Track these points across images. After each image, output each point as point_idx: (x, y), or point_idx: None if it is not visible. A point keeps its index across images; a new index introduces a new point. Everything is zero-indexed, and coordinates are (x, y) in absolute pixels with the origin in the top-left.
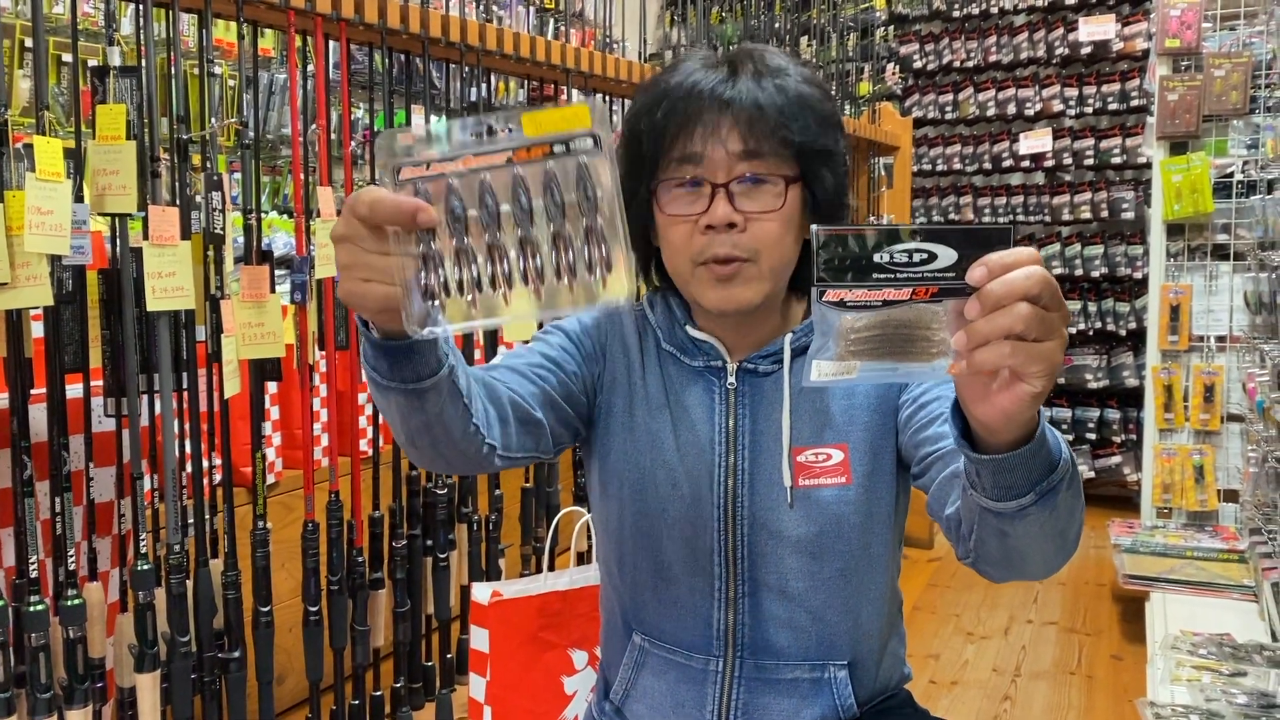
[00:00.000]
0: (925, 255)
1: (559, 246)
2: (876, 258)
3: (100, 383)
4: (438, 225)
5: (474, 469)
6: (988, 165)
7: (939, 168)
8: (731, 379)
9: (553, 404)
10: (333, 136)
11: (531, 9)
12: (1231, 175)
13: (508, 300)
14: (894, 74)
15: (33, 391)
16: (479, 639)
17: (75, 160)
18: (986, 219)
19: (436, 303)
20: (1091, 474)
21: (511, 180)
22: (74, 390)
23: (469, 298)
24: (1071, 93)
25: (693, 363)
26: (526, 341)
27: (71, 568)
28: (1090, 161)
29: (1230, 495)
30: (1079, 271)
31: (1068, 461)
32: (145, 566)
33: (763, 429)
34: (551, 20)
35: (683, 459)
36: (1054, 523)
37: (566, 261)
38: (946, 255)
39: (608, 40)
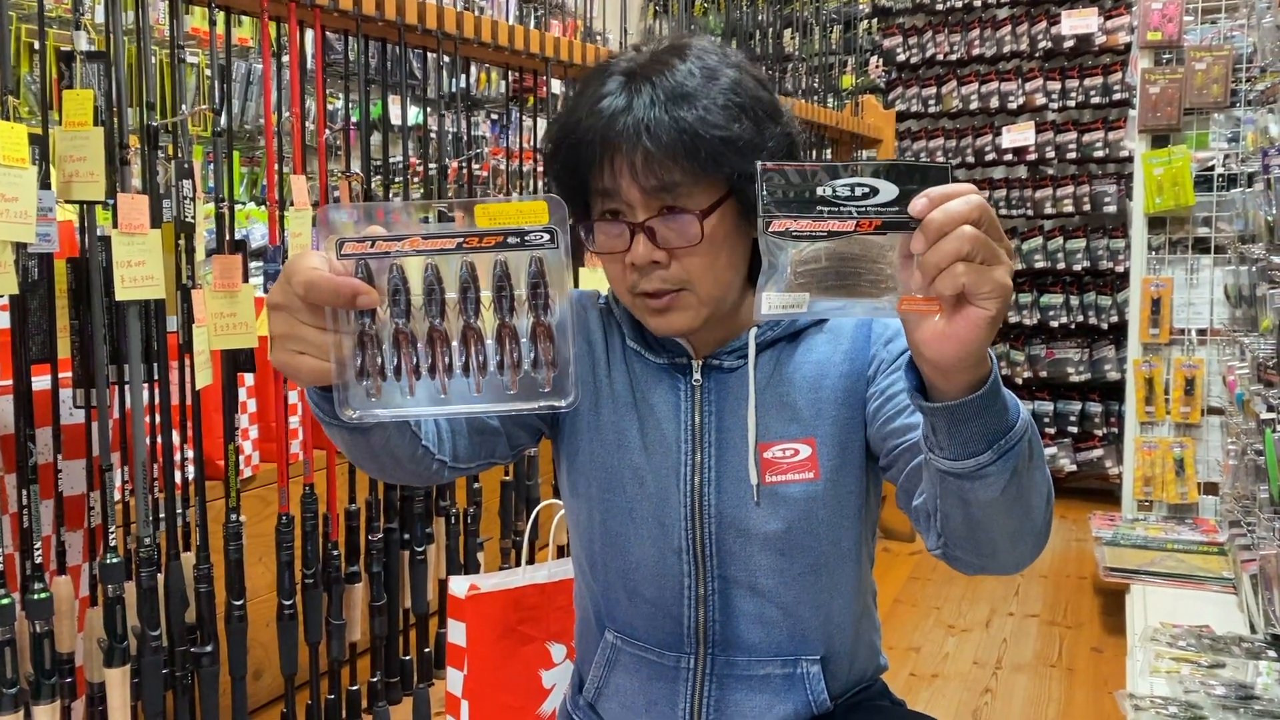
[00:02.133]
0: (867, 190)
1: (504, 340)
2: (820, 191)
3: (69, 374)
4: (378, 306)
5: (424, 483)
6: (970, 159)
7: (922, 161)
8: (697, 375)
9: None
10: (309, 126)
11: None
12: (1212, 168)
13: (445, 390)
14: (877, 67)
15: None
16: (456, 633)
17: (42, 147)
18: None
19: (371, 384)
20: (1073, 467)
21: (460, 266)
22: (42, 381)
23: (406, 384)
24: (1054, 86)
25: (658, 360)
26: None
27: (39, 561)
28: (1073, 155)
29: (1210, 488)
30: (1061, 265)
31: (1026, 424)
32: (115, 560)
33: (729, 425)
34: (533, 10)
35: (649, 457)
36: (1015, 492)
37: (511, 357)
38: (888, 190)
39: (589, 31)
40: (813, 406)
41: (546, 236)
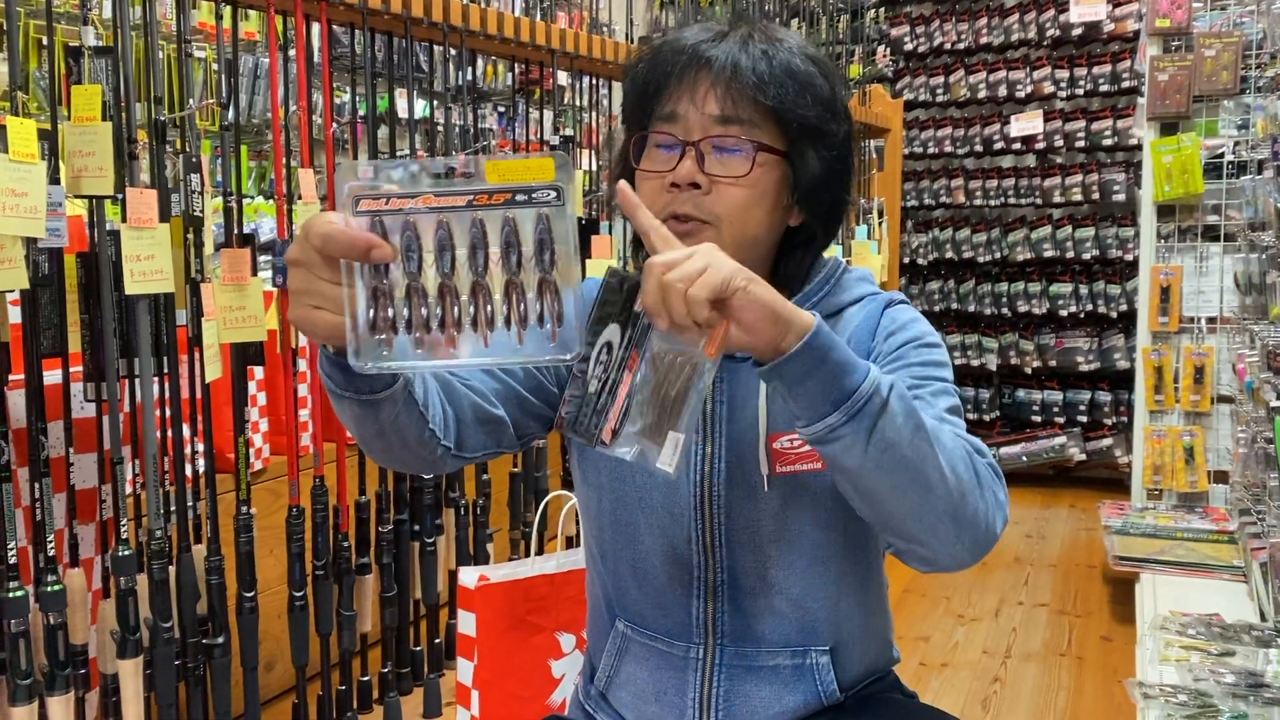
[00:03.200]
0: (604, 346)
1: (511, 296)
2: (591, 388)
3: (80, 368)
4: (391, 260)
5: (429, 470)
6: (979, 148)
7: (930, 150)
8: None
9: (517, 398)
10: (316, 120)
11: None
12: (1222, 156)
13: (455, 344)
14: (885, 56)
15: (10, 377)
16: (466, 623)
17: (51, 142)
18: (978, 201)
19: (383, 337)
20: (1082, 456)
21: (470, 224)
22: (53, 376)
23: (416, 336)
24: (1062, 74)
25: None
26: None
27: (51, 554)
28: (1081, 143)
29: (1220, 476)
30: (1070, 254)
31: (875, 387)
32: (126, 552)
33: (739, 415)
34: (539, 2)
35: None
36: (890, 461)
37: (518, 312)
38: (613, 332)
39: (595, 22)
40: None
41: (553, 194)
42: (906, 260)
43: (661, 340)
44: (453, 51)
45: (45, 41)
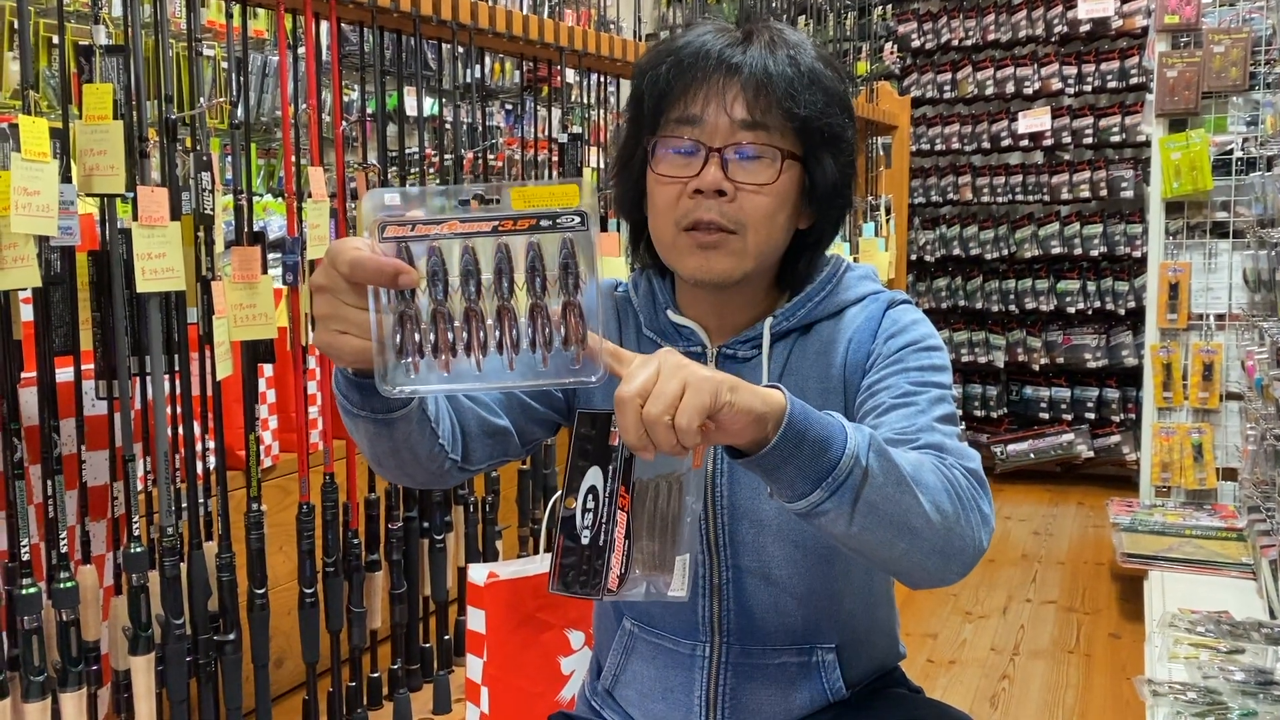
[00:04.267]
0: (591, 495)
1: (536, 319)
2: (584, 540)
3: (91, 366)
4: (417, 286)
5: (436, 484)
6: (986, 144)
7: (937, 147)
8: (711, 364)
9: (522, 406)
10: (325, 118)
11: None
12: (1231, 152)
13: (480, 367)
14: (892, 53)
15: (23, 375)
16: (476, 620)
17: (62, 140)
18: (985, 198)
19: (409, 361)
20: (1090, 453)
21: (495, 249)
22: (65, 373)
23: (442, 360)
24: (1070, 71)
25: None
26: None
27: (64, 551)
28: (1089, 140)
29: (1229, 473)
30: (1078, 250)
31: (853, 454)
32: (138, 549)
33: None
34: (546, 0)
35: None
36: (876, 520)
37: (543, 335)
38: (595, 475)
39: (603, 20)
40: (822, 396)
41: (577, 219)
42: (914, 257)
43: (643, 468)
44: (461, 49)
45: (56, 40)
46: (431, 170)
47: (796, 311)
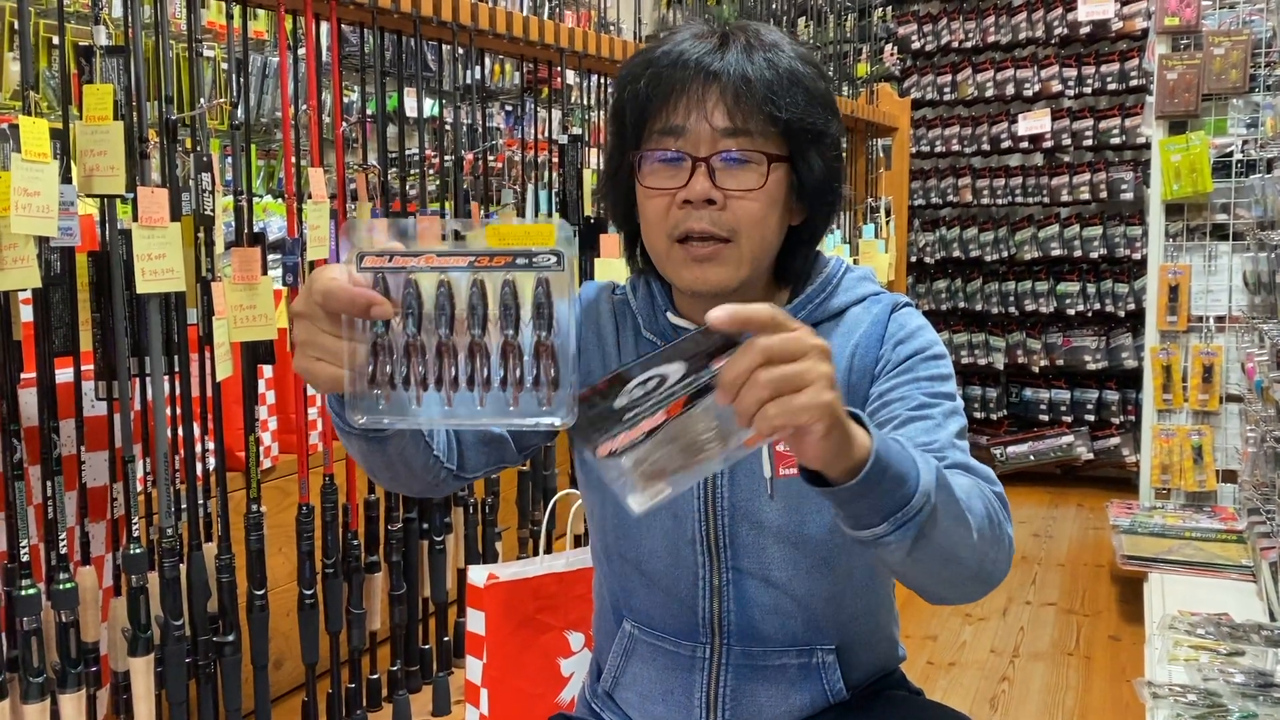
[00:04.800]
0: (658, 378)
1: (508, 357)
2: (619, 403)
3: (91, 366)
4: (392, 317)
5: (433, 493)
6: (986, 146)
7: (937, 149)
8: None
9: None
10: (325, 119)
11: None
12: (1231, 154)
13: (450, 401)
14: (892, 55)
15: (22, 375)
16: (475, 622)
17: (62, 141)
18: (985, 200)
19: (380, 392)
20: (1090, 455)
21: (471, 284)
22: (64, 374)
23: (413, 394)
24: (1070, 73)
25: None
26: None
27: (63, 552)
28: (1089, 142)
29: (1229, 475)
30: (1078, 253)
31: (927, 494)
32: (138, 550)
33: None
34: (547, 1)
35: None
36: (928, 552)
37: (514, 374)
38: (675, 369)
39: (603, 21)
40: None
41: (554, 259)
42: (914, 259)
43: (708, 410)
44: (461, 50)
45: (56, 41)
46: (431, 171)
47: (797, 313)
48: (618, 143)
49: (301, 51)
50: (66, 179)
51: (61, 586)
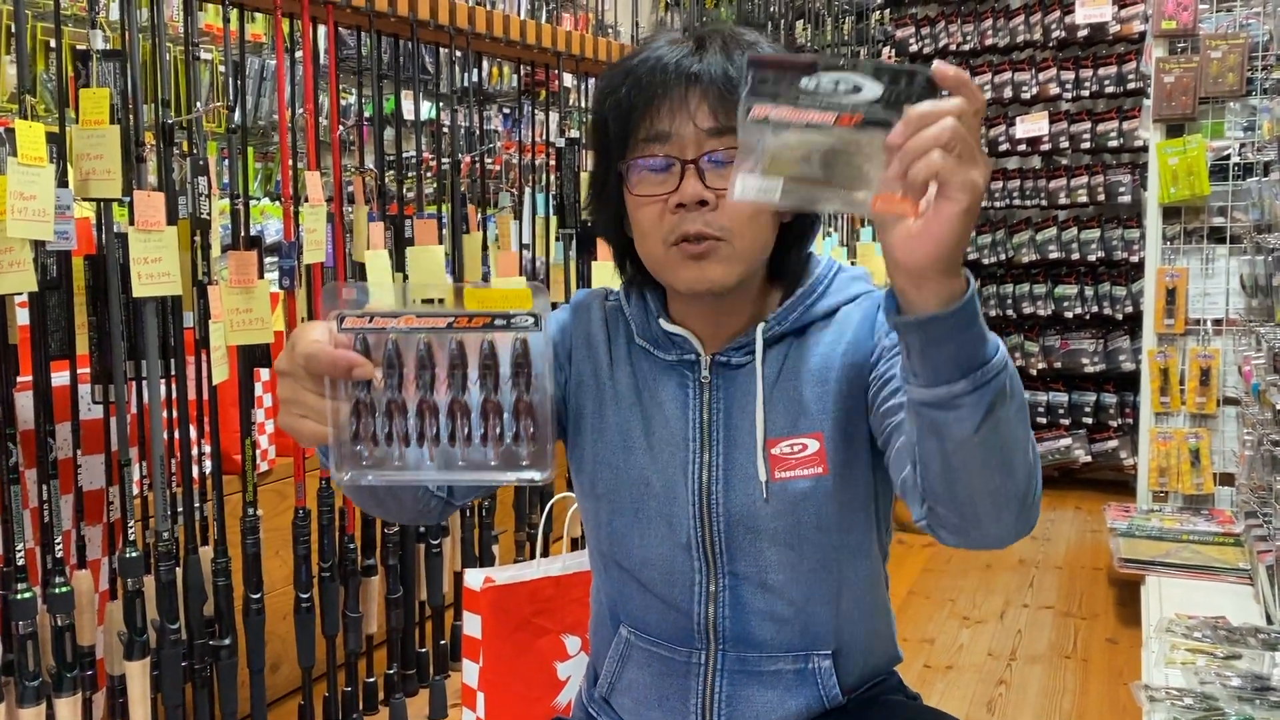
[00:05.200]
0: (852, 86)
1: (488, 414)
2: (804, 83)
3: (87, 370)
4: (373, 377)
5: (425, 520)
6: (984, 149)
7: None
8: (705, 372)
9: None
10: (323, 122)
11: None
12: (1228, 158)
13: (432, 457)
14: (890, 58)
15: (18, 379)
16: (472, 625)
17: (59, 145)
18: (983, 202)
19: (362, 449)
20: (1088, 458)
21: (449, 344)
22: (61, 378)
23: (396, 451)
24: (1068, 76)
25: (666, 357)
26: None
27: (59, 555)
28: (1087, 145)
29: (1226, 479)
30: (1075, 255)
31: (1004, 362)
32: (134, 554)
33: (737, 422)
34: (544, 5)
35: (655, 457)
36: (993, 436)
37: (494, 431)
38: (872, 89)
39: (600, 24)
40: (819, 401)
41: (531, 320)
42: None
43: (872, 143)
44: (458, 54)
45: (53, 44)
46: (429, 174)
47: (789, 315)
48: (603, 155)
49: (299, 54)
50: (63, 183)
51: (57, 590)
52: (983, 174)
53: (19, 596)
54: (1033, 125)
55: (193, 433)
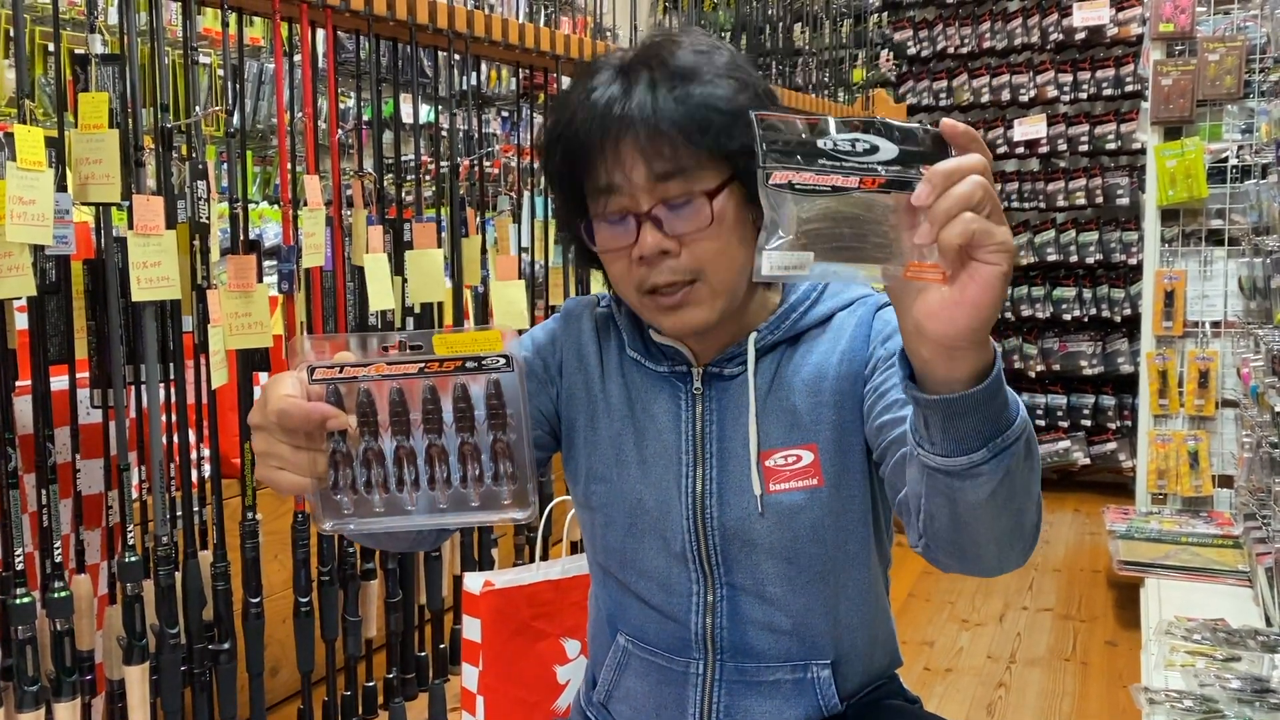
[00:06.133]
0: (868, 146)
1: (466, 456)
2: (820, 143)
3: (86, 374)
4: (347, 428)
5: (422, 548)
6: None
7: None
8: (697, 384)
9: None
10: (321, 125)
11: None
12: (1226, 160)
13: (413, 502)
14: (888, 61)
15: (17, 383)
16: (471, 629)
17: (58, 149)
18: None
19: (343, 498)
20: (1086, 461)
21: (422, 389)
22: (60, 382)
23: (377, 498)
24: (1066, 78)
25: (658, 368)
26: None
27: (58, 560)
28: (1085, 147)
29: (1225, 481)
30: (1074, 258)
31: (1024, 423)
32: (133, 558)
33: (730, 434)
34: (543, 8)
35: (648, 471)
36: (1008, 494)
37: (473, 472)
38: (888, 149)
39: (599, 27)
40: (813, 411)
41: (502, 361)
42: None
43: (898, 206)
44: (456, 57)
45: (51, 48)
46: (427, 177)
47: (781, 324)
48: (561, 201)
49: (297, 58)
50: (62, 187)
51: (56, 595)
52: (1009, 234)
53: (18, 601)
54: (1031, 128)
55: (192, 437)
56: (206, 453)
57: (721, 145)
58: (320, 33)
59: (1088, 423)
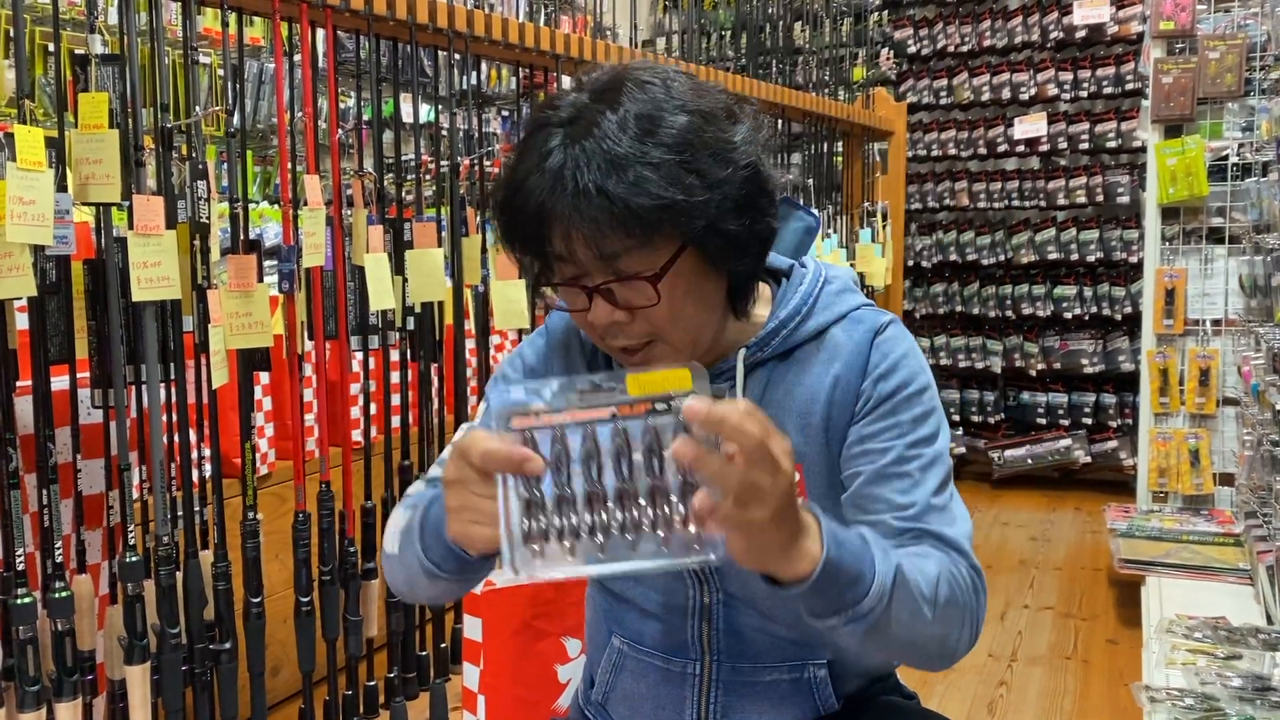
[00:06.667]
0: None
1: (656, 500)
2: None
3: (87, 374)
4: (542, 473)
5: (462, 595)
6: (982, 150)
7: (934, 153)
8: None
9: None
10: (322, 125)
11: None
12: (1226, 158)
13: (604, 550)
14: (888, 59)
15: (18, 383)
16: (472, 628)
17: (58, 149)
18: (982, 203)
19: (535, 547)
20: (1087, 459)
21: (613, 434)
22: (60, 382)
23: (567, 544)
24: (1066, 76)
25: None
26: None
27: (59, 560)
28: (1085, 145)
29: (1226, 479)
30: (1074, 256)
31: (879, 597)
32: (134, 558)
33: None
34: (543, 7)
35: None
36: (883, 641)
37: (664, 515)
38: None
39: (599, 27)
40: (801, 433)
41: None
42: (910, 263)
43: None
44: (457, 57)
45: (52, 49)
46: (428, 177)
47: (771, 340)
48: (520, 264)
49: (297, 58)
50: (62, 187)
51: (57, 595)
52: (774, 502)
53: (19, 601)
54: (1031, 126)
55: (192, 436)
56: (207, 452)
57: (662, 218)
58: (320, 32)
59: (1088, 421)
